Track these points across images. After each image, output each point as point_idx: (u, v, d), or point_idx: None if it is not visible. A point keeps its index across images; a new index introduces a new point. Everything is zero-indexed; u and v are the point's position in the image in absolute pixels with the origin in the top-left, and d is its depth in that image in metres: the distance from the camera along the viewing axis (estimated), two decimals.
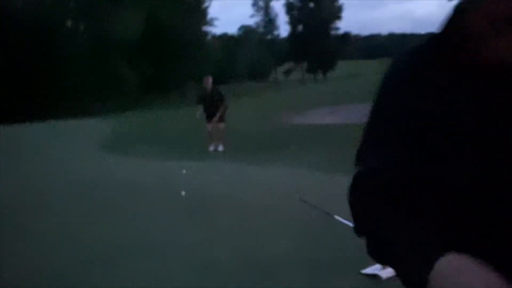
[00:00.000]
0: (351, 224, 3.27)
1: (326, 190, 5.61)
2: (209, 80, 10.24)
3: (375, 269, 3.16)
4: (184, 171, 6.96)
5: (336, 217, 4.11)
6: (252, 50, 62.60)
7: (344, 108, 15.42)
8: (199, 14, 44.03)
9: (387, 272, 3.06)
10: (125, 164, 8.13)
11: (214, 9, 70.76)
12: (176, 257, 3.70)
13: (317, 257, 3.55)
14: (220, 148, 9.81)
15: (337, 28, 62.77)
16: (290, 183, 6.13)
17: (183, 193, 5.47)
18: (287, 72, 66.13)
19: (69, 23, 35.26)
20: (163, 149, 9.71)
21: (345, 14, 62.87)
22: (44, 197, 5.74)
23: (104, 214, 4.95)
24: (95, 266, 3.58)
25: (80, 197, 5.64)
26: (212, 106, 10.01)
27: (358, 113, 13.63)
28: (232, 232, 4.20)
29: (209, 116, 10.04)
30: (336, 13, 62.13)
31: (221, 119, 10.05)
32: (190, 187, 5.83)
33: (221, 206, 5.03)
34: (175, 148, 9.92)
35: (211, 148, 9.83)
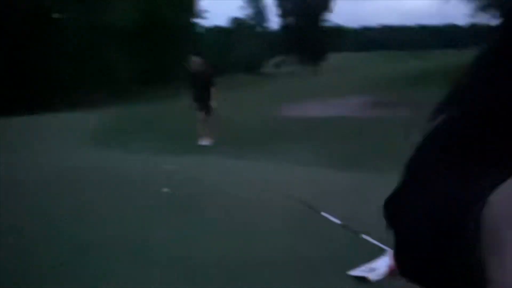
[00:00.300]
0: (338, 222, 3.24)
1: (317, 185, 5.58)
2: (197, 60, 9.36)
3: (363, 270, 3.05)
4: (166, 166, 6.76)
5: (323, 213, 4.07)
6: (243, 42, 62.25)
7: (336, 101, 15.39)
8: (190, 6, 43.66)
9: (375, 274, 2.94)
10: (115, 159, 8.03)
11: (204, 1, 69.88)
12: (159, 255, 3.62)
13: (304, 257, 3.47)
14: (208, 142, 9.24)
15: (329, 21, 62.61)
16: (281, 178, 6.08)
17: (165, 189, 5.34)
18: (278, 65, 65.86)
19: (60, 13, 34.80)
20: (155, 143, 9.61)
21: (336, 6, 62.67)
22: (24, 191, 5.62)
23: (87, 210, 4.86)
24: (73, 263, 3.51)
25: (64, 192, 5.54)
26: (202, 91, 9.14)
27: (351, 106, 13.66)
28: (217, 230, 4.12)
29: (200, 103, 9.20)
30: (327, 5, 61.91)
31: (210, 111, 9.22)
32: (178, 182, 5.74)
33: (208, 202, 4.94)
34: (167, 141, 9.80)
35: (202, 142, 9.29)
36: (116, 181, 5.94)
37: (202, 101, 9.26)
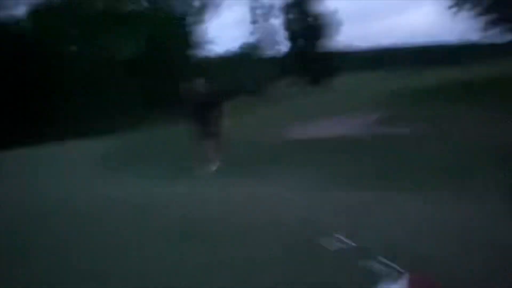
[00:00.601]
0: (353, 244, 2.96)
1: (325, 208, 5.40)
2: (200, 82, 8.76)
3: None
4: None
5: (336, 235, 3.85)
6: (251, 66, 62.81)
7: (343, 120, 15.23)
8: (196, 31, 44.15)
9: None
10: (118, 187, 7.92)
11: (214, 28, 71.02)
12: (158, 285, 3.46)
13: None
14: (214, 167, 8.61)
15: (336, 42, 62.99)
16: (287, 203, 5.90)
17: (164, 219, 5.11)
18: (289, 86, 66.25)
19: (65, 43, 35.35)
20: (158, 170, 9.47)
21: (343, 27, 63.01)
22: (32, 221, 5.51)
23: (89, 238, 4.71)
24: None
25: (67, 221, 5.41)
26: (205, 115, 8.50)
27: (358, 124, 13.48)
28: (218, 260, 3.89)
29: (203, 129, 8.58)
30: (334, 27, 62.43)
31: (214, 136, 8.64)
32: (179, 210, 5.58)
33: (211, 231, 4.73)
34: (170, 168, 9.66)
35: (204, 170, 8.51)
36: (119, 210, 5.81)
37: (206, 126, 8.77)
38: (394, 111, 15.16)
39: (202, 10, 45.16)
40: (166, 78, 34.63)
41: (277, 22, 57.82)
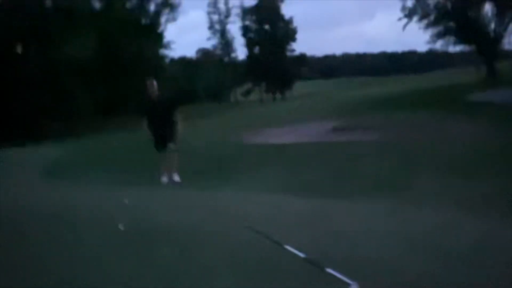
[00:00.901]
0: (302, 255, 2.95)
1: (281, 215, 5.39)
2: (154, 83, 8.14)
3: None
4: (126, 201, 6.32)
5: (287, 247, 3.84)
6: (210, 72, 62.75)
7: (301, 127, 15.42)
8: (156, 37, 43.68)
9: None
10: (68, 192, 7.65)
11: (170, 32, 70.83)
12: None
13: None
14: (177, 178, 8.23)
15: (293, 50, 63.96)
16: (245, 209, 5.85)
17: (121, 226, 4.96)
18: (246, 93, 66.54)
19: (19, 45, 34.12)
20: (115, 176, 9.24)
21: (299, 36, 64.09)
22: None
23: (37, 248, 4.49)
24: None
25: (14, 231, 5.14)
26: (162, 119, 8.06)
27: (316, 132, 13.67)
28: (172, 270, 3.78)
29: (159, 137, 8.20)
30: (291, 35, 63.37)
31: (173, 141, 8.13)
32: (135, 217, 5.42)
33: (165, 239, 4.59)
34: (127, 174, 9.45)
35: (164, 179, 8.25)
36: (69, 217, 5.59)
37: (163, 131, 8.23)
38: (350, 119, 15.48)
39: (159, 13, 44.77)
40: (121, 83, 33.99)
41: (235, 28, 57.94)
